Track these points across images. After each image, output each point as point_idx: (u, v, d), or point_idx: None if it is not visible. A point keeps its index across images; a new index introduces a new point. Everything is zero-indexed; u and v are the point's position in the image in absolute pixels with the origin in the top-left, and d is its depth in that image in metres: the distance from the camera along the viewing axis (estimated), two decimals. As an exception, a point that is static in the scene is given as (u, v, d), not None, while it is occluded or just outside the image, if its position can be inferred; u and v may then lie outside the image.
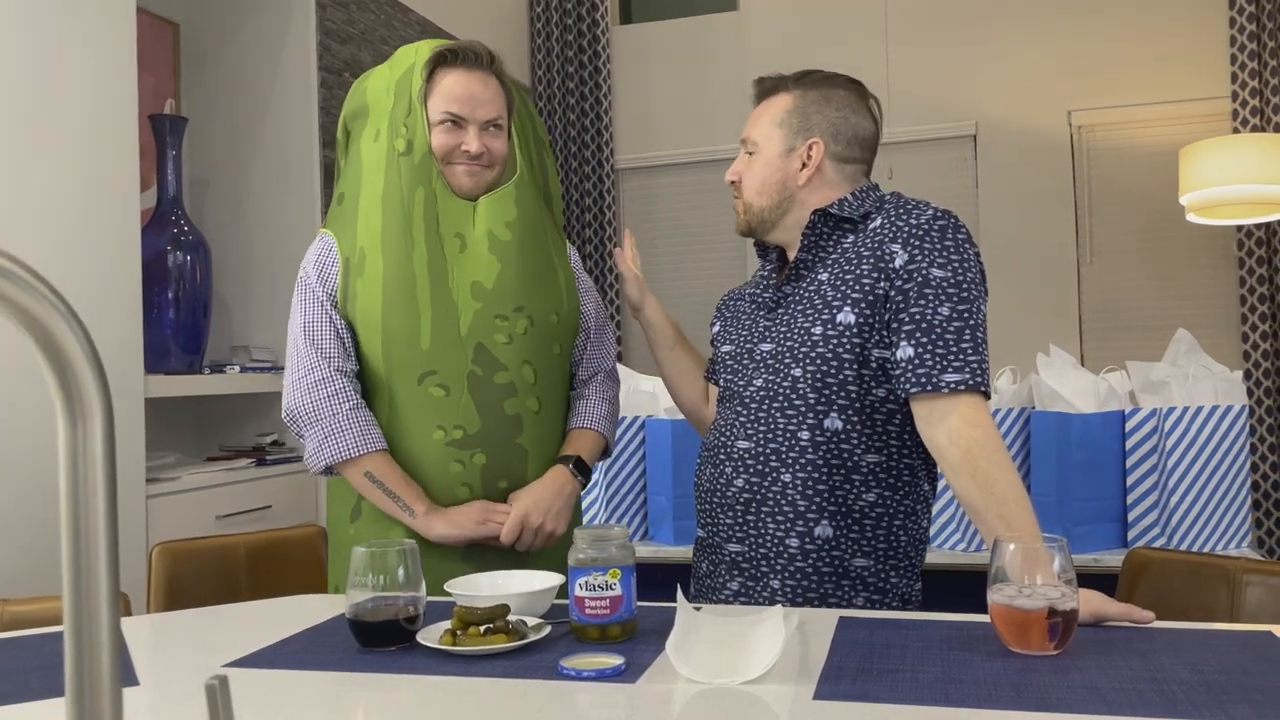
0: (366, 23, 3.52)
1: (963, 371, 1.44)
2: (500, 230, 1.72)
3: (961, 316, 1.46)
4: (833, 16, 4.65)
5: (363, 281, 1.68)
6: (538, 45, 4.96)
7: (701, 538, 1.69)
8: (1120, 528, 2.38)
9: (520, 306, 1.71)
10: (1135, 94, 4.33)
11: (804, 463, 1.53)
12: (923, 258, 1.49)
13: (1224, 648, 1.17)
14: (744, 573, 1.59)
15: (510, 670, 1.16)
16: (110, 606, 0.55)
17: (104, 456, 0.53)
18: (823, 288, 1.57)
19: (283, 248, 3.20)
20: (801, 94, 1.64)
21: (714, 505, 1.63)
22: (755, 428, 1.58)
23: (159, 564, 1.84)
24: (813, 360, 1.53)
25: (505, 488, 1.70)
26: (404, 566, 1.28)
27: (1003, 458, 1.40)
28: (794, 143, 1.63)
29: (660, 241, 4.89)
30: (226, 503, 2.77)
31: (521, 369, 1.70)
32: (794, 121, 1.63)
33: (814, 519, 1.53)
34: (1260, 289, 4.16)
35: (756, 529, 1.56)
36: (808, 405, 1.53)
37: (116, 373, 2.43)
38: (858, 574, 1.54)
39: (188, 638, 1.37)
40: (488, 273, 1.69)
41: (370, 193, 1.71)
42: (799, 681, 1.09)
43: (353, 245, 1.70)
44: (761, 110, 1.67)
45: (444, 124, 1.71)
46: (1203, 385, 2.37)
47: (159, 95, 3.16)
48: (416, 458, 1.67)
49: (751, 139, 1.67)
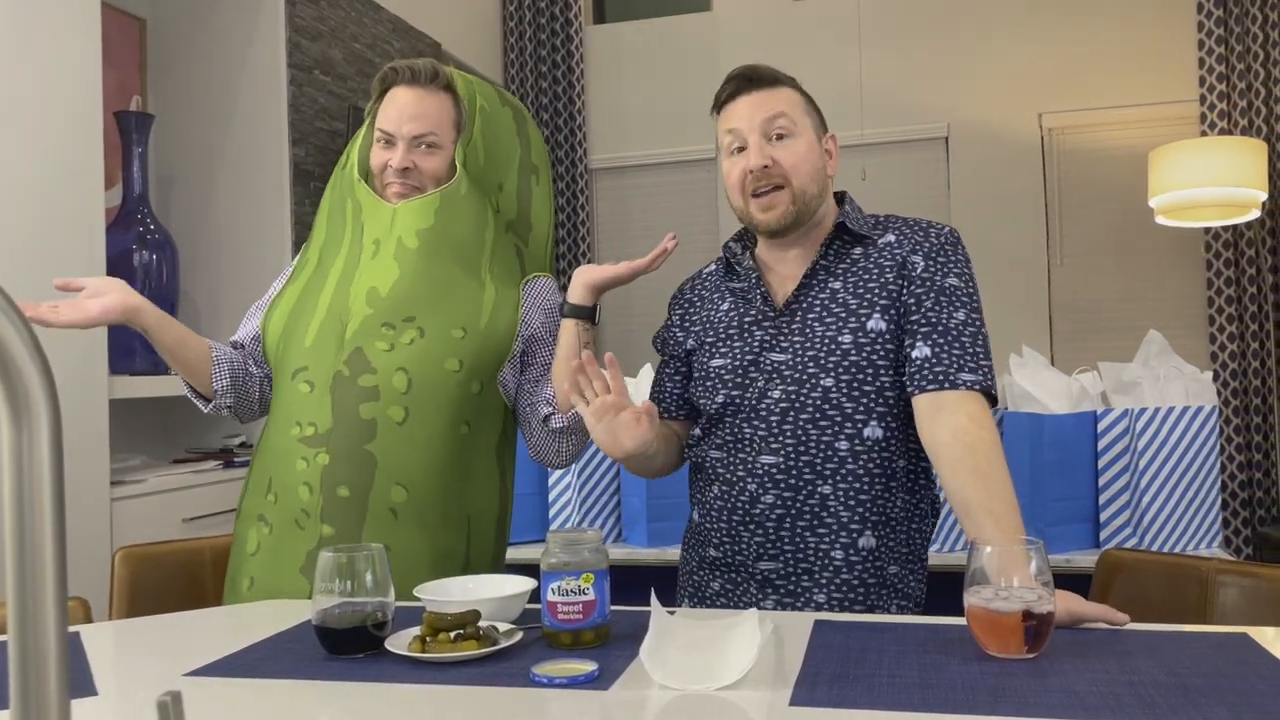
0: (337, 20, 3.48)
1: (977, 373, 1.47)
2: (409, 237, 1.67)
3: (974, 323, 1.51)
4: (806, 18, 4.66)
5: (293, 285, 1.75)
6: (511, 44, 4.93)
7: (714, 557, 1.60)
8: (1092, 528, 2.39)
9: (411, 317, 1.63)
10: (1105, 97, 4.36)
11: (844, 473, 1.50)
12: (938, 268, 1.53)
13: (1200, 650, 1.16)
14: (779, 590, 1.53)
15: (481, 677, 1.14)
16: (57, 615, 0.52)
17: (50, 460, 0.51)
18: (840, 295, 1.55)
19: (251, 247, 3.16)
20: (799, 90, 1.62)
21: (734, 524, 1.55)
22: (781, 441, 1.52)
23: (122, 568, 1.80)
24: (845, 369, 1.51)
25: (345, 495, 1.56)
26: (372, 571, 1.26)
27: (1002, 460, 1.41)
28: (820, 132, 1.61)
29: (634, 242, 4.87)
30: (193, 505, 2.73)
31: (393, 375, 1.60)
32: (814, 111, 1.61)
33: (857, 530, 1.51)
34: (1227, 290, 4.20)
35: (793, 544, 1.52)
36: (844, 415, 1.51)
37: (80, 374, 2.39)
38: (891, 581, 1.54)
39: (150, 645, 1.34)
40: (385, 279, 1.65)
41: (321, 209, 1.81)
42: (774, 687, 1.07)
43: (305, 252, 1.79)
44: (774, 98, 1.57)
45: (379, 142, 1.72)
46: (1174, 386, 2.38)
47: (125, 91, 3.11)
48: (273, 451, 1.63)
49: (788, 119, 1.56)
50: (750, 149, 1.56)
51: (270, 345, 1.72)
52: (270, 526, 1.61)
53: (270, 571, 1.59)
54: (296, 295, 1.72)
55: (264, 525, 1.61)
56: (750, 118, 1.56)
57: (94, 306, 1.56)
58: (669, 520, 2.50)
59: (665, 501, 2.51)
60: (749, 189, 1.56)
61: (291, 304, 1.71)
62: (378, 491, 1.57)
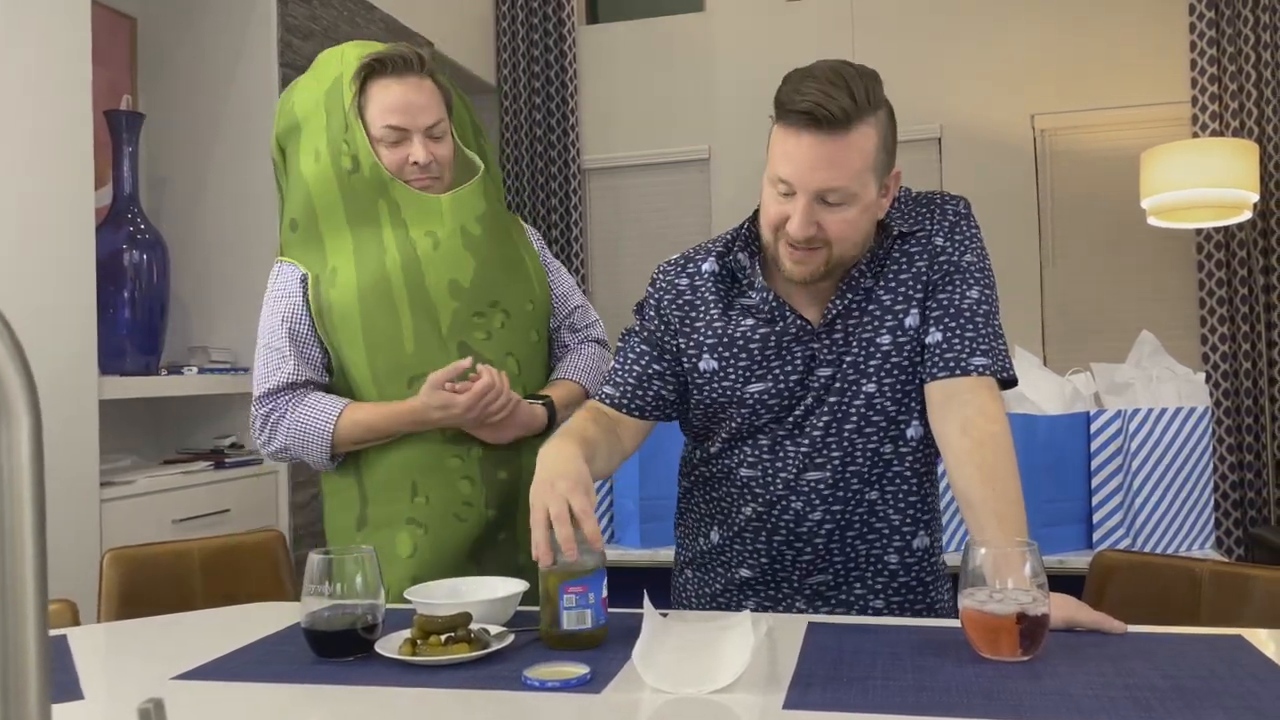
0: (329, 19, 3.46)
1: (990, 355, 1.42)
2: (472, 225, 1.70)
3: (988, 300, 1.46)
4: (799, 19, 4.65)
5: (336, 291, 1.66)
6: (504, 44, 4.92)
7: (749, 579, 1.52)
8: (1085, 529, 2.39)
9: (495, 301, 1.70)
10: (1097, 98, 4.37)
11: (890, 476, 1.47)
12: (955, 246, 1.47)
13: (1194, 652, 1.16)
14: (830, 600, 1.50)
15: (472, 681, 1.13)
16: (37, 618, 0.51)
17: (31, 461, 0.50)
18: (875, 293, 1.45)
19: (243, 247, 3.14)
20: (877, 121, 1.35)
21: (776, 544, 1.48)
22: (827, 455, 1.45)
23: (110, 571, 1.79)
24: (887, 372, 1.43)
25: (505, 478, 1.68)
26: (362, 573, 1.25)
27: (1011, 457, 1.36)
28: (884, 179, 1.39)
29: (626, 242, 4.87)
30: (183, 507, 2.71)
31: (505, 362, 1.69)
32: (883, 159, 1.37)
33: (910, 531, 1.49)
34: (1219, 292, 4.21)
35: (843, 554, 1.48)
36: (888, 419, 1.45)
37: (70, 374, 2.37)
38: (942, 570, 1.55)
39: (138, 648, 1.33)
40: (463, 270, 1.67)
41: (331, 217, 1.68)
42: (768, 690, 1.06)
43: (322, 265, 1.68)
44: (843, 154, 1.32)
45: (384, 139, 1.67)
46: (1166, 387, 2.38)
47: (115, 91, 3.09)
48: (414, 457, 1.66)
49: (843, 189, 1.33)
50: (796, 213, 1.35)
51: (349, 354, 1.66)
52: (425, 527, 1.65)
53: (434, 568, 1.63)
54: (355, 303, 1.64)
55: (417, 528, 1.66)
56: (806, 178, 1.33)
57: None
58: (662, 521, 2.49)
59: (658, 503, 2.50)
60: (783, 237, 1.39)
61: (357, 313, 1.64)
62: (525, 468, 1.65)
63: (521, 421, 1.67)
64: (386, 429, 1.64)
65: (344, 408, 1.65)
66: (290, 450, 1.68)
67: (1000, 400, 1.42)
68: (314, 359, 1.69)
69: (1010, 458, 1.36)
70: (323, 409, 1.65)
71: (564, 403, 1.75)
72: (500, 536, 1.70)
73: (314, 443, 1.65)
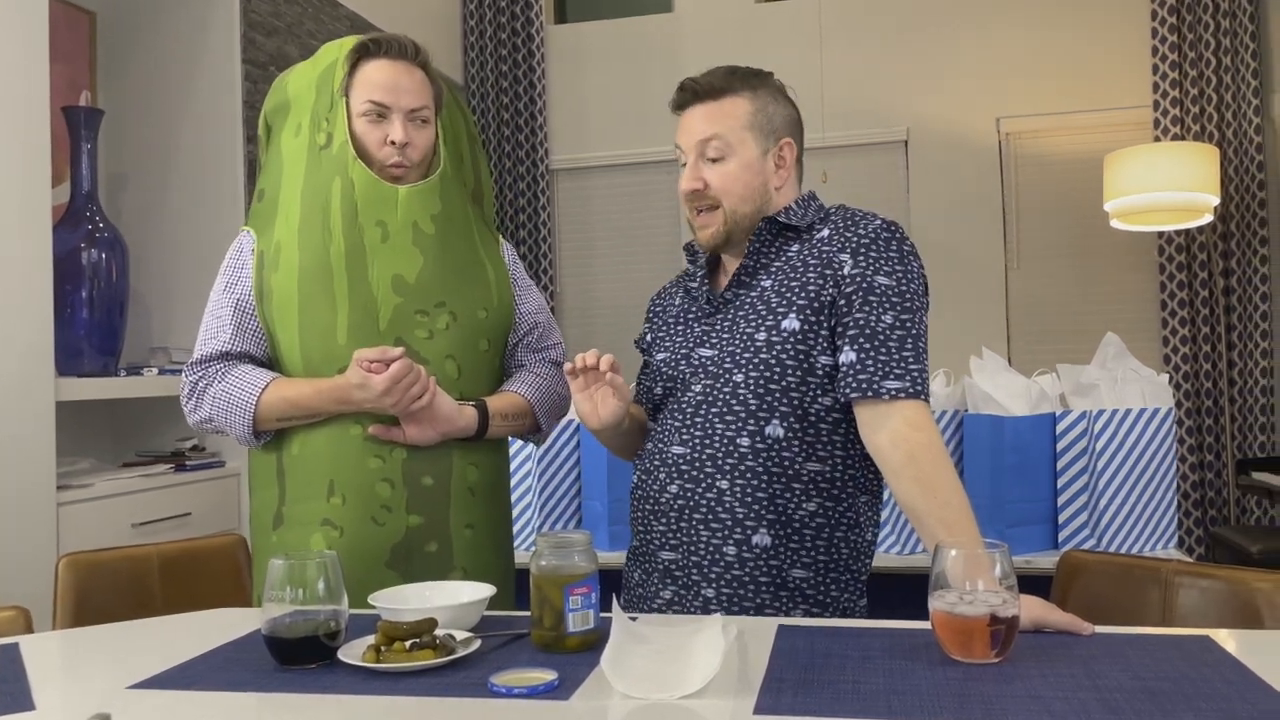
0: (293, 16, 3.42)
1: (903, 379, 1.44)
2: (424, 223, 1.67)
3: (904, 325, 1.46)
4: (768, 20, 4.66)
5: (278, 276, 1.64)
6: (471, 43, 4.88)
7: (634, 546, 1.64)
8: (1051, 529, 2.40)
9: (442, 302, 1.66)
10: (1062, 102, 4.41)
11: (743, 470, 1.50)
12: (869, 266, 1.49)
13: (1162, 653, 1.16)
14: (677, 581, 1.55)
15: (437, 688, 1.11)
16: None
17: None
18: (766, 294, 1.54)
19: (204, 245, 3.09)
20: (753, 94, 1.58)
21: (646, 512, 1.59)
22: (691, 433, 1.54)
23: (66, 576, 1.75)
24: (755, 366, 1.50)
25: (430, 484, 1.63)
26: (324, 579, 1.22)
27: (945, 462, 1.40)
28: (767, 144, 1.57)
29: (595, 243, 4.85)
30: (143, 510, 2.67)
31: (444, 364, 1.66)
32: (761, 122, 1.57)
33: (752, 527, 1.49)
34: (1180, 294, 4.26)
35: (690, 536, 1.53)
36: (748, 411, 1.50)
37: (25, 374, 2.32)
38: (796, 585, 1.50)
39: (94, 656, 1.30)
40: (410, 266, 1.65)
41: (290, 187, 1.68)
42: (738, 695, 1.05)
43: (269, 240, 1.67)
44: (716, 112, 1.56)
45: (367, 114, 1.65)
46: (1130, 388, 2.40)
47: (74, 86, 3.03)
48: (334, 453, 1.62)
49: (722, 141, 1.55)
50: (686, 169, 1.59)
51: (285, 340, 1.64)
52: (340, 529, 1.61)
53: (347, 574, 1.54)
54: (294, 289, 1.62)
55: (331, 529, 1.61)
56: (689, 136, 1.58)
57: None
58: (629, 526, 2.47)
59: (627, 505, 2.48)
60: (689, 204, 1.60)
61: (295, 300, 1.62)
62: (456, 474, 1.65)
63: (445, 416, 1.61)
64: (310, 406, 1.61)
65: (270, 381, 1.62)
66: (215, 421, 1.65)
67: (924, 408, 1.44)
68: (255, 332, 1.67)
69: (946, 464, 1.40)
70: (249, 381, 1.62)
71: (502, 411, 1.70)
72: (430, 548, 1.63)
73: (237, 415, 1.62)
